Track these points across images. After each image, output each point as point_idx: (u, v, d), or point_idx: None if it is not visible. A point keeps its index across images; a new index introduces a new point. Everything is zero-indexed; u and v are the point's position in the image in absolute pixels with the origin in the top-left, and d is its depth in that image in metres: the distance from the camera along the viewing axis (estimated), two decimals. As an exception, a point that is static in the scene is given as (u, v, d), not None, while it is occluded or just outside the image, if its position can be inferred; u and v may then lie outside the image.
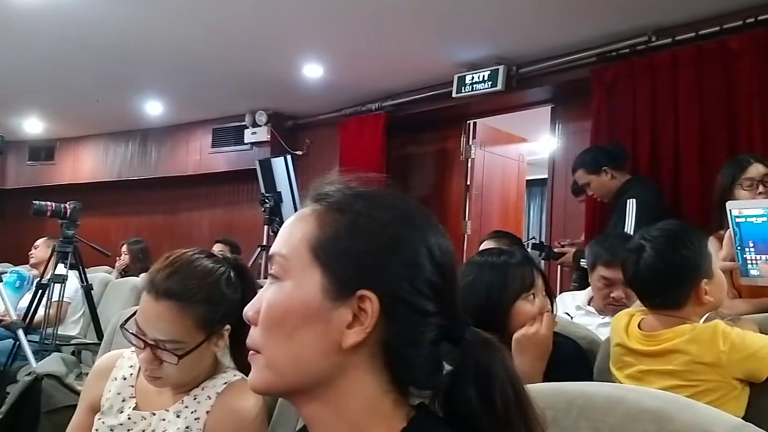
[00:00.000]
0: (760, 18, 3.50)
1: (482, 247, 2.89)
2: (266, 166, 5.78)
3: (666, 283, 1.59)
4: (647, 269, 1.60)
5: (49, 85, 5.84)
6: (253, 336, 0.75)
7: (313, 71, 5.10)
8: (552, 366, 1.58)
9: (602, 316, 2.39)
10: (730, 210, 1.87)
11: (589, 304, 2.55)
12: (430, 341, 0.73)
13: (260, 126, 6.29)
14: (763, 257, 1.81)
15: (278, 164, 5.74)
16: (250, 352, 0.75)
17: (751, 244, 1.83)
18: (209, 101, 6.20)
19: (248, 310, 0.76)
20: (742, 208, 1.85)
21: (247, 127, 6.38)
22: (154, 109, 6.49)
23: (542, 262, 4.16)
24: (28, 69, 5.29)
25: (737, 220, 1.85)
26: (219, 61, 5.00)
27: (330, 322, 0.71)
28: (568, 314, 2.53)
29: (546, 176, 5.19)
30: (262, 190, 5.71)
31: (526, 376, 1.50)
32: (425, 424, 0.73)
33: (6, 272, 4.19)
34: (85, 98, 6.23)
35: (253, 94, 5.87)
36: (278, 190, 5.64)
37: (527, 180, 6.60)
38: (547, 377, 1.40)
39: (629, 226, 3.16)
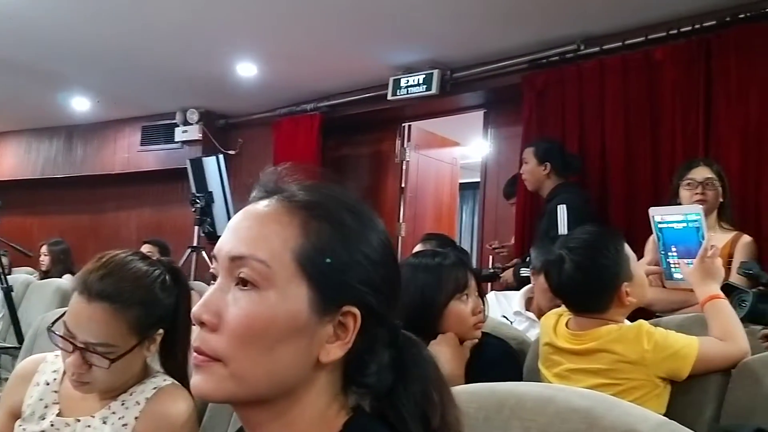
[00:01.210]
0: (682, 30, 3.66)
1: (416, 249, 2.92)
2: (197, 166, 5.67)
3: (588, 291, 1.65)
4: (569, 280, 1.65)
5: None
6: (212, 343, 0.68)
7: (247, 70, 5.03)
8: (483, 366, 1.61)
9: None
10: (652, 216, 1.94)
11: (527, 309, 2.60)
12: (383, 346, 0.74)
13: (191, 124, 6.16)
14: (686, 261, 1.88)
15: (210, 164, 5.64)
16: (201, 358, 0.69)
17: (674, 249, 1.91)
18: (139, 98, 6.04)
19: (203, 314, 0.68)
20: (664, 215, 1.92)
21: (178, 126, 6.24)
22: (80, 105, 6.28)
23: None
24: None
25: (659, 225, 1.92)
26: (150, 58, 4.88)
27: (314, 337, 0.69)
28: (506, 318, 2.57)
29: (478, 180, 5.27)
30: (193, 190, 5.59)
31: (447, 376, 1.53)
32: (363, 424, 0.73)
33: None
34: (5, 93, 5.97)
35: (185, 91, 5.75)
36: (210, 190, 5.54)
37: (460, 183, 6.69)
38: (478, 377, 1.43)
39: (562, 231, 3.25)
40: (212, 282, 0.73)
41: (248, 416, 0.73)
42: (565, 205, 3.38)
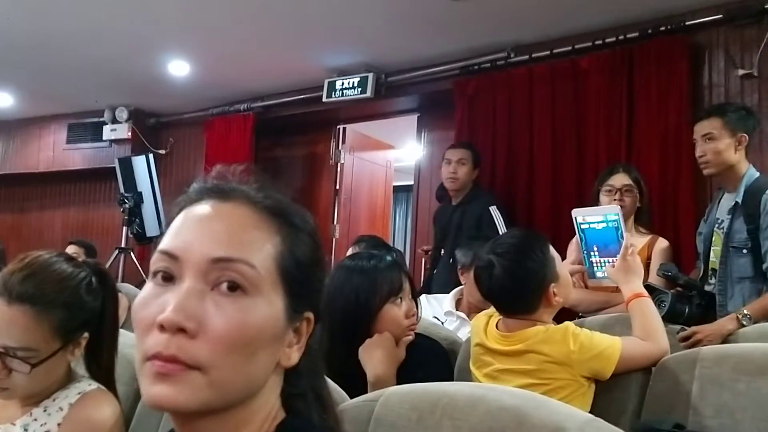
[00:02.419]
0: (607, 40, 3.79)
1: (350, 251, 2.93)
2: (126, 165, 5.53)
3: (518, 294, 1.69)
4: (499, 284, 1.69)
5: None
6: (192, 351, 0.63)
7: (179, 68, 4.93)
8: (414, 366, 1.62)
9: None
10: (575, 217, 2.01)
11: (457, 309, 2.64)
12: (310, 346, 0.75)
13: (120, 123, 6.00)
14: (607, 260, 1.95)
15: (139, 163, 5.51)
16: (173, 366, 0.63)
17: (596, 248, 1.97)
18: (65, 94, 5.83)
19: (184, 321, 0.63)
20: (585, 215, 1.99)
21: (106, 123, 6.06)
22: (2, 100, 6.02)
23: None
24: None
25: (582, 226, 1.99)
26: (77, 53, 4.72)
27: (281, 343, 0.70)
28: (438, 319, 2.61)
29: (412, 183, 5.32)
30: (122, 190, 5.45)
31: (379, 378, 1.55)
32: (298, 425, 0.74)
33: None
34: None
35: (114, 89, 5.58)
36: (139, 190, 5.42)
37: (394, 186, 6.74)
38: (410, 377, 1.44)
39: (504, 231, 3.31)
40: (157, 279, 0.68)
41: (197, 425, 0.68)
42: (496, 206, 3.48)
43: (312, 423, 0.74)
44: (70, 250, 4.45)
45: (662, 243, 2.80)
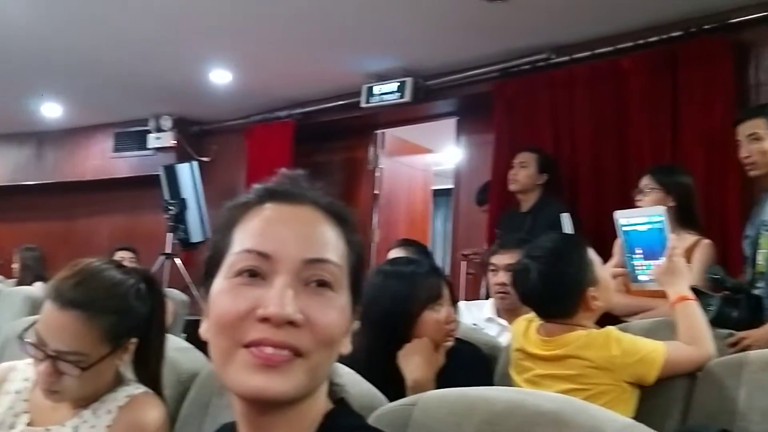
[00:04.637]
0: (649, 40, 3.73)
1: (390, 255, 2.93)
2: (171, 172, 5.64)
3: (553, 298, 1.68)
4: (534, 289, 1.68)
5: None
6: (301, 340, 0.70)
7: (221, 77, 5.02)
8: (453, 371, 1.62)
9: None
10: (617, 219, 1.97)
11: (499, 316, 2.63)
12: None
13: (165, 131, 6.12)
14: (652, 262, 1.90)
15: (183, 170, 5.61)
16: (284, 355, 0.69)
17: (638, 251, 1.93)
18: (111, 104, 5.98)
19: (295, 314, 0.69)
20: (628, 217, 1.96)
21: (151, 132, 6.19)
22: (51, 111, 6.19)
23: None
24: None
25: (624, 228, 1.95)
26: (122, 64, 4.84)
27: (347, 335, 0.78)
28: (477, 326, 2.59)
29: (451, 186, 5.31)
30: (166, 197, 5.55)
31: (418, 382, 1.55)
32: (345, 413, 0.80)
33: None
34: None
35: (158, 98, 5.71)
36: (183, 196, 5.51)
37: (433, 190, 6.73)
38: (449, 382, 1.44)
39: None
40: (243, 277, 0.72)
41: (275, 418, 0.74)
42: (569, 213, 3.43)
43: (354, 413, 0.81)
44: (119, 255, 4.57)
45: (705, 243, 2.72)
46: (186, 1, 3.77)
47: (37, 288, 4.08)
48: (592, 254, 1.73)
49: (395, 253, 2.93)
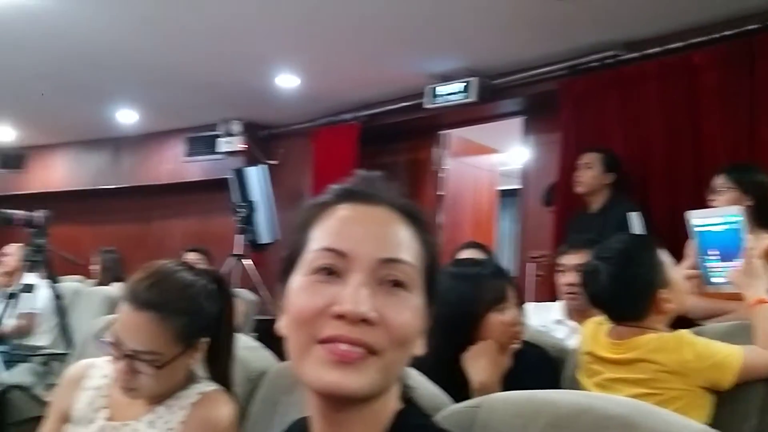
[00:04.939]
0: (724, 34, 3.60)
1: (457, 257, 2.92)
2: (240, 176, 5.77)
3: (624, 300, 1.63)
4: (604, 290, 1.64)
5: (20, 93, 5.76)
6: (375, 338, 0.71)
7: (288, 81, 5.11)
8: (520, 373, 1.60)
9: None
10: (689, 220, 1.90)
11: (568, 318, 2.58)
12: None
13: (234, 135, 6.27)
14: (728, 264, 1.82)
15: (252, 174, 5.74)
16: (358, 352, 0.70)
17: (713, 252, 1.86)
18: (183, 110, 6.17)
19: (370, 312, 0.70)
20: (702, 217, 1.88)
21: (221, 136, 6.35)
22: (127, 117, 6.44)
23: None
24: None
25: (697, 229, 1.88)
26: (193, 71, 4.99)
27: (420, 335, 0.78)
28: (545, 327, 2.55)
29: (518, 187, 5.25)
30: (236, 200, 5.68)
31: (484, 384, 1.54)
32: (414, 412, 0.81)
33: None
34: (56, 106, 6.16)
35: (228, 103, 5.86)
36: (252, 199, 5.63)
37: (499, 190, 6.66)
38: (516, 385, 1.43)
39: None
40: (320, 274, 0.74)
41: (349, 415, 0.76)
42: (639, 213, 3.35)
43: (423, 412, 0.83)
44: (191, 257, 4.70)
45: None
46: (255, 9, 3.85)
47: (115, 288, 4.24)
48: (663, 255, 1.68)
49: (461, 256, 2.91)
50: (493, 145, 6.24)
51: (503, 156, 6.49)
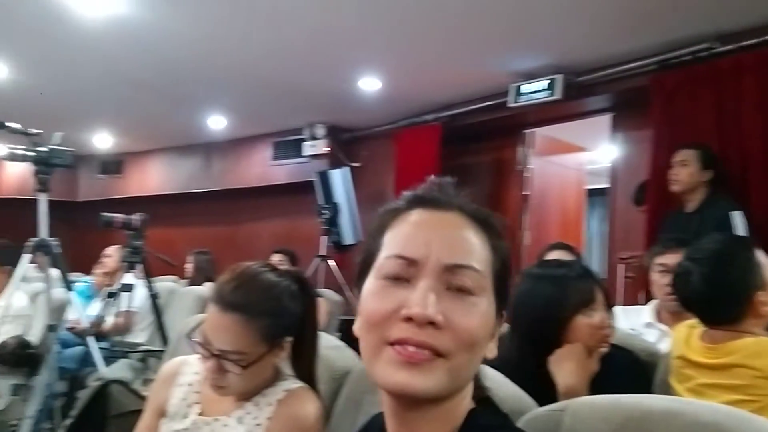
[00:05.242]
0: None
1: (543, 258, 2.86)
2: (325, 178, 5.87)
3: (717, 303, 1.56)
4: (697, 293, 1.57)
5: (118, 102, 6.07)
6: (441, 340, 0.73)
7: (370, 84, 5.16)
8: (608, 378, 1.55)
9: None
10: None
11: (660, 321, 2.49)
12: None
13: (318, 139, 6.39)
14: None
15: (336, 176, 5.83)
16: (424, 354, 0.72)
17: None
18: (270, 115, 6.34)
19: (436, 315, 0.72)
20: None
21: (306, 140, 6.49)
22: (217, 123, 6.68)
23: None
24: (97, 86, 5.51)
25: None
26: (279, 77, 5.11)
27: (492, 339, 0.80)
28: (635, 331, 2.47)
29: (607, 186, 5.10)
30: (321, 202, 5.78)
31: (571, 388, 1.50)
32: (486, 413, 0.82)
33: (78, 281, 4.36)
34: (151, 114, 6.46)
35: (312, 107, 5.98)
36: (336, 201, 5.72)
37: (587, 190, 6.50)
38: (604, 389, 1.38)
39: None
40: (390, 279, 0.76)
41: (419, 415, 0.77)
42: (742, 212, 3.21)
43: (497, 412, 0.84)
44: (276, 258, 4.82)
45: None
46: (337, 15, 3.91)
47: (207, 288, 4.39)
48: (761, 256, 1.59)
49: (548, 257, 2.86)
50: (581, 143, 6.09)
51: (591, 154, 6.33)
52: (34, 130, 3.08)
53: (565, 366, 1.55)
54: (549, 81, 4.60)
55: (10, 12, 3.88)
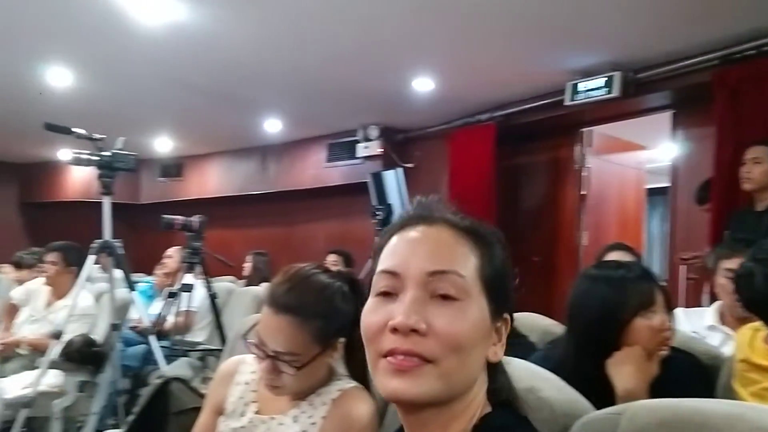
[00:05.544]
0: None
1: (602, 259, 2.81)
2: (378, 179, 5.89)
3: None
4: (760, 294, 1.51)
5: (177, 107, 6.23)
6: (426, 347, 0.76)
7: (423, 85, 5.15)
8: (669, 382, 1.51)
9: None
10: None
11: (722, 324, 2.42)
12: None
13: (372, 140, 6.42)
14: None
15: (389, 177, 5.83)
16: (411, 361, 0.76)
17: None
18: (324, 118, 6.40)
19: (417, 323, 0.76)
20: None
21: (360, 142, 6.53)
22: (273, 126, 6.78)
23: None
24: (157, 92, 5.66)
25: None
26: (333, 79, 5.15)
27: (488, 341, 0.82)
28: (697, 334, 2.40)
29: (667, 185, 4.97)
30: (374, 203, 5.80)
31: (630, 392, 1.46)
32: (502, 415, 0.83)
33: (140, 281, 4.49)
34: (209, 118, 6.60)
35: (365, 109, 6.01)
36: (389, 202, 5.73)
37: (647, 189, 6.35)
38: (664, 393, 1.35)
39: None
40: (380, 296, 0.81)
41: (424, 419, 0.80)
42: None
43: (513, 414, 0.85)
44: (331, 259, 4.86)
45: None
46: (390, 16, 3.91)
47: (264, 289, 4.46)
48: None
49: (607, 258, 2.80)
50: (640, 142, 5.96)
51: (651, 152, 6.18)
52: (98, 136, 3.18)
53: (624, 369, 1.52)
54: (607, 78, 4.52)
55: (74, 22, 4.02)
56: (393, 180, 5.82)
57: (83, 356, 3.48)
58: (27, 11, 3.87)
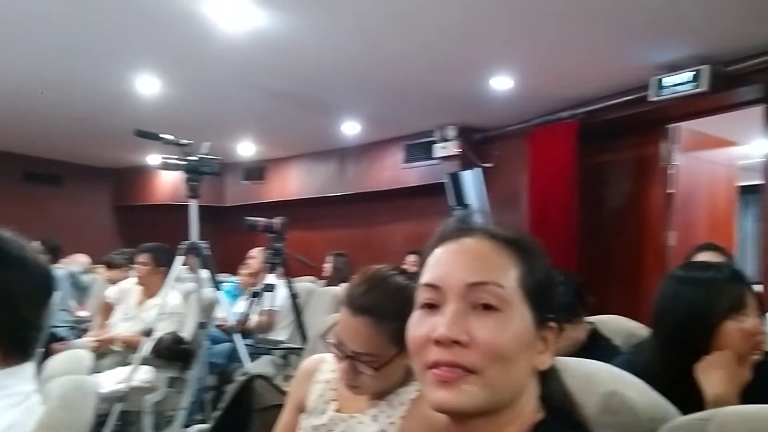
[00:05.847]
0: None
1: (690, 260, 2.70)
2: (456, 180, 5.87)
3: None
4: None
5: (259, 112, 6.38)
6: (469, 358, 0.77)
7: (501, 83, 5.09)
8: (762, 388, 1.45)
9: None
10: None
11: None
12: None
13: (449, 140, 6.39)
14: None
15: (468, 177, 5.80)
16: (455, 372, 0.77)
17: None
18: (402, 119, 6.42)
19: (458, 335, 0.78)
20: None
21: (437, 142, 6.51)
22: (351, 129, 6.86)
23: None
24: (239, 97, 5.82)
25: None
26: (410, 80, 5.16)
27: (534, 350, 0.82)
28: None
29: (761, 182, 4.74)
30: (452, 203, 5.78)
31: (720, 398, 1.40)
32: (553, 424, 0.83)
33: (225, 281, 4.63)
34: (290, 123, 6.74)
35: (443, 109, 5.99)
36: (467, 202, 5.69)
37: (739, 187, 6.06)
38: (757, 400, 1.29)
39: None
40: (423, 309, 0.84)
41: (472, 428, 0.82)
42: None
43: (568, 420, 0.85)
44: (411, 259, 4.87)
45: None
46: (467, 15, 3.88)
47: (343, 289, 4.52)
48: None
49: (696, 258, 2.70)
50: (730, 138, 5.69)
51: (742, 149, 5.90)
52: (185, 141, 3.30)
53: (714, 374, 1.46)
54: (694, 72, 4.34)
55: (161, 32, 4.19)
56: (471, 180, 5.79)
57: (172, 353, 3.61)
58: (117, 23, 4.06)
